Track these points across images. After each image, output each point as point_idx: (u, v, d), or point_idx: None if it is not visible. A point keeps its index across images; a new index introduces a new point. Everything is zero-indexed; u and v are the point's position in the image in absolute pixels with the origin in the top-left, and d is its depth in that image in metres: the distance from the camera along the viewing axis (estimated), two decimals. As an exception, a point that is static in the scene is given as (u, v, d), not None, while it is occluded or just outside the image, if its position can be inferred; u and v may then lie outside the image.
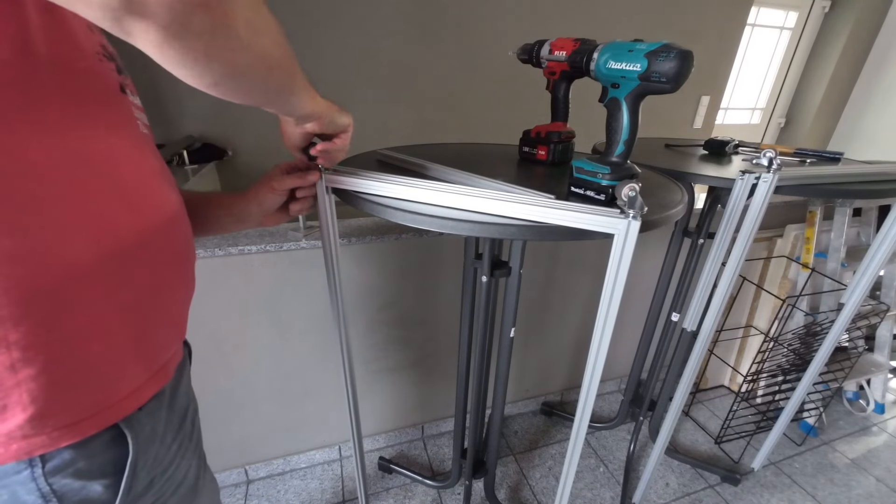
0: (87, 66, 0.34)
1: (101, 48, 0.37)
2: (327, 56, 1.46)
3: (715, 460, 1.43)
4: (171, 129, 1.40)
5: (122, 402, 0.38)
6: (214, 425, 1.17)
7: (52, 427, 0.34)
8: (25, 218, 0.31)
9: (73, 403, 0.35)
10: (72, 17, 0.34)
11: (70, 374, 0.35)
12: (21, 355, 0.32)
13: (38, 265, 0.31)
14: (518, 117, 1.12)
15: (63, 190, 0.32)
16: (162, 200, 0.42)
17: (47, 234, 0.32)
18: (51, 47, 0.31)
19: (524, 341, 1.43)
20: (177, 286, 0.45)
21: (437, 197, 0.54)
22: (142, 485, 0.41)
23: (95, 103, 0.35)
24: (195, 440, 0.52)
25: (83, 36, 0.35)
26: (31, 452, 0.34)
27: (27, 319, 0.32)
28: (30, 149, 0.30)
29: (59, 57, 0.32)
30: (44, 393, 0.33)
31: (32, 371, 0.32)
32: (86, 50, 0.35)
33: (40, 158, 0.31)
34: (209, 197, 0.59)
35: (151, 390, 0.41)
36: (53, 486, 0.36)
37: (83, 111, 0.34)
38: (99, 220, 0.35)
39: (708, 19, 1.89)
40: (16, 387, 0.32)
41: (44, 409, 0.33)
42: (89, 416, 0.36)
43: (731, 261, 0.87)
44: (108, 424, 0.37)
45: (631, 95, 0.53)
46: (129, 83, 0.41)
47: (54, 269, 0.32)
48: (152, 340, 0.42)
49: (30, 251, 0.31)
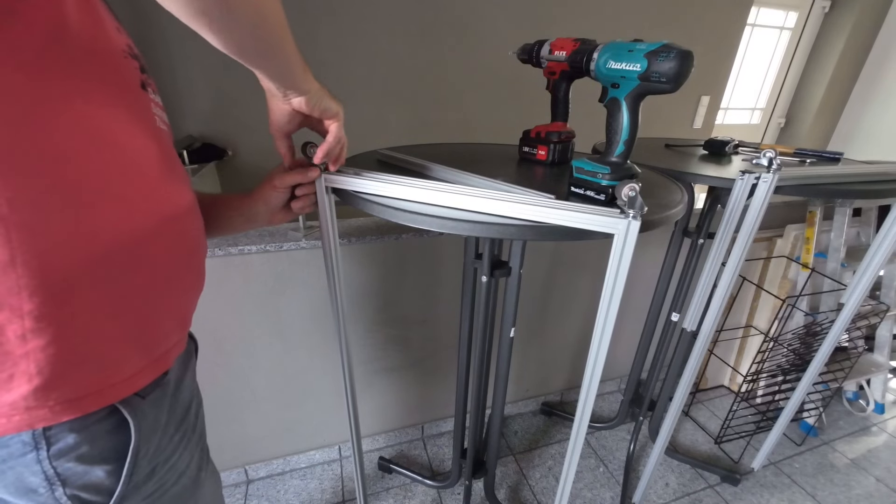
0: (113, 60, 0.36)
1: (127, 47, 0.39)
2: (327, 56, 1.46)
3: (715, 460, 1.43)
4: (171, 129, 1.40)
5: (122, 384, 0.39)
6: (214, 425, 1.17)
7: (55, 400, 0.35)
8: (51, 196, 0.32)
9: (76, 378, 0.36)
10: (104, 16, 0.36)
11: (76, 350, 0.35)
12: (33, 325, 0.33)
13: (59, 240, 0.33)
14: (518, 117, 1.12)
15: (86, 173, 0.34)
16: (176, 193, 0.43)
17: (70, 212, 0.33)
18: (84, 40, 0.33)
19: (524, 341, 1.43)
20: (186, 277, 0.46)
21: (437, 197, 0.54)
22: (143, 472, 0.42)
23: (118, 94, 0.37)
24: (198, 433, 0.53)
25: (113, 34, 0.37)
26: (32, 424, 0.35)
27: (43, 291, 0.32)
28: (57, 131, 0.32)
29: (91, 49, 0.34)
30: (50, 365, 0.34)
31: (42, 342, 0.33)
32: (114, 46, 0.37)
33: (66, 141, 0.32)
34: (218, 199, 0.60)
35: (150, 376, 0.42)
36: (58, 469, 0.37)
37: (106, 100, 0.35)
38: (118, 204, 0.36)
39: (708, 19, 1.89)
40: (24, 357, 0.33)
41: (49, 381, 0.34)
42: (90, 393, 0.37)
43: (731, 261, 0.87)
44: (106, 404, 0.38)
45: (631, 95, 0.53)
46: (150, 82, 0.42)
47: (74, 246, 0.34)
48: (157, 328, 0.42)
49: (53, 226, 0.32)
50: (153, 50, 1.29)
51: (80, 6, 0.33)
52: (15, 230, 0.30)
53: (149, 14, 1.25)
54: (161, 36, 1.28)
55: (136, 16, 1.24)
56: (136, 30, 1.25)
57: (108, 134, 0.35)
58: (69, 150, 0.33)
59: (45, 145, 0.31)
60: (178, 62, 1.32)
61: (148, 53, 1.28)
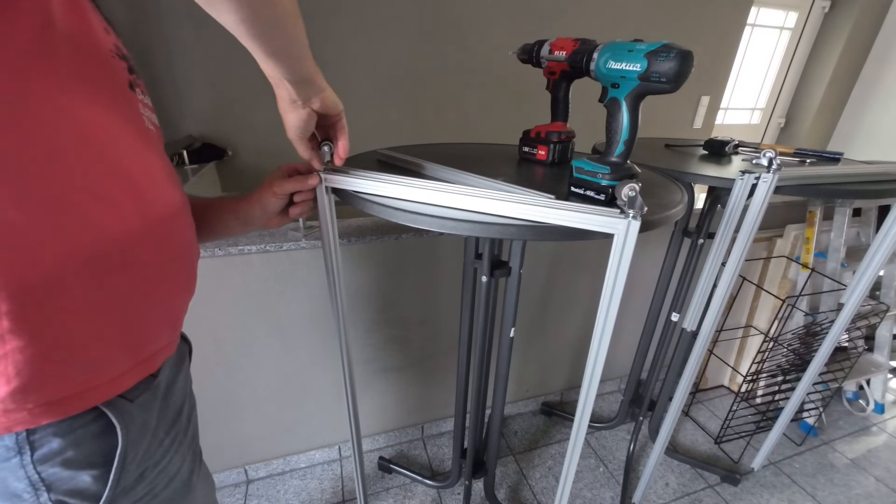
0: (100, 60, 0.36)
1: (114, 48, 0.38)
2: (327, 56, 1.46)
3: (715, 460, 1.43)
4: (171, 129, 1.40)
5: (105, 386, 0.38)
6: (214, 425, 1.17)
7: (34, 403, 0.34)
8: (34, 194, 0.31)
9: (55, 380, 0.35)
10: (91, 16, 0.36)
11: (56, 351, 0.35)
12: (11, 326, 0.32)
13: (40, 240, 0.32)
14: (518, 117, 1.12)
15: (70, 172, 0.33)
16: (164, 195, 0.42)
17: (53, 211, 0.32)
18: (70, 38, 0.33)
19: (524, 341, 1.43)
20: (175, 280, 0.45)
21: (437, 197, 0.54)
22: (132, 477, 0.42)
23: (104, 94, 0.36)
24: (190, 435, 0.52)
25: (101, 34, 0.36)
26: (9, 428, 0.34)
27: (22, 291, 0.32)
28: (41, 130, 0.31)
29: (77, 48, 0.33)
30: (29, 366, 0.33)
31: (20, 343, 0.32)
32: (101, 46, 0.36)
33: (50, 140, 0.32)
34: (214, 202, 0.60)
35: (135, 378, 0.41)
36: (42, 475, 0.36)
37: (92, 99, 0.35)
38: (102, 204, 0.35)
39: (708, 19, 1.89)
40: (2, 358, 0.32)
41: (27, 383, 0.33)
42: (71, 395, 0.36)
43: (731, 261, 0.87)
44: (88, 406, 0.37)
45: (631, 95, 0.53)
46: (139, 83, 0.42)
47: (56, 246, 0.33)
48: (143, 329, 0.42)
49: (35, 225, 0.32)
50: (153, 50, 1.29)
51: (66, 6, 0.32)
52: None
53: (149, 14, 1.25)
54: (161, 36, 1.28)
55: (137, 16, 1.24)
56: (136, 30, 1.25)
57: (92, 133, 0.35)
58: (53, 148, 0.32)
59: (27, 143, 0.31)
60: (178, 62, 1.32)
61: (148, 54, 1.29)
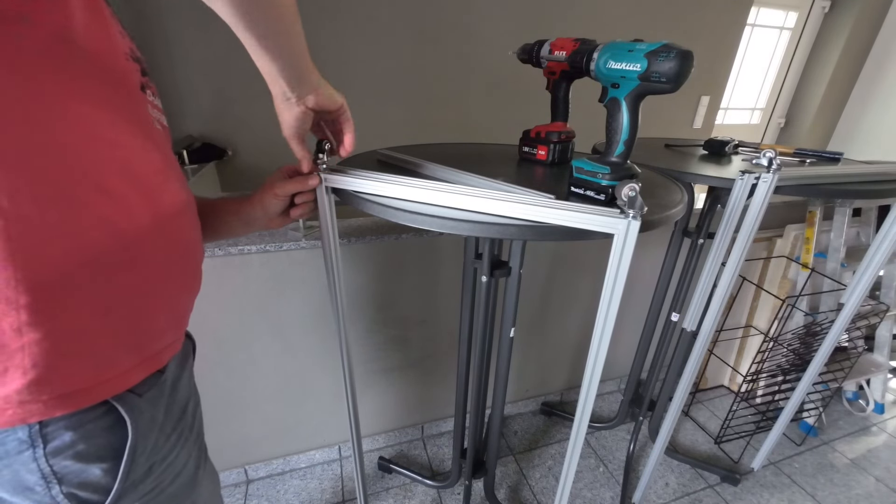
0: (113, 62, 0.37)
1: (129, 51, 0.40)
2: (327, 56, 1.46)
3: (715, 460, 1.43)
4: (172, 129, 1.39)
5: (114, 381, 0.39)
6: (214, 425, 1.17)
7: (49, 395, 0.35)
8: (49, 191, 0.32)
9: (68, 373, 0.36)
10: (110, 22, 0.38)
11: (70, 344, 0.36)
12: (29, 318, 0.33)
13: (55, 235, 0.33)
14: (518, 117, 1.11)
15: (82, 169, 0.34)
16: (171, 194, 0.43)
17: (66, 207, 0.33)
18: (88, 43, 0.34)
19: (524, 341, 1.43)
20: (181, 277, 0.46)
21: (437, 197, 0.54)
22: (141, 470, 0.42)
23: (116, 95, 0.37)
24: (195, 432, 0.53)
25: (116, 38, 0.38)
26: (25, 419, 0.35)
27: (39, 285, 0.33)
28: (54, 129, 0.32)
29: (93, 51, 0.35)
30: (45, 358, 0.34)
31: (38, 335, 0.33)
32: (116, 49, 0.38)
33: (63, 138, 0.33)
34: (216, 203, 0.61)
35: (143, 374, 0.42)
36: (54, 468, 0.37)
37: (103, 100, 0.36)
38: (112, 201, 0.36)
39: (708, 19, 1.89)
40: (20, 350, 0.33)
41: (43, 375, 0.34)
42: (82, 388, 0.37)
43: (731, 261, 0.87)
44: (99, 400, 0.38)
45: (631, 95, 0.53)
46: (151, 85, 0.43)
47: (69, 241, 0.34)
48: (150, 326, 0.43)
49: (50, 221, 0.33)
50: (154, 50, 1.29)
51: (89, 12, 0.34)
52: (14, 223, 0.31)
53: (149, 15, 1.25)
54: (162, 36, 1.28)
55: (137, 16, 1.24)
56: (136, 30, 1.25)
57: (103, 132, 0.36)
58: (66, 146, 0.33)
59: (42, 142, 0.32)
60: (178, 62, 1.32)
61: (148, 54, 1.28)
